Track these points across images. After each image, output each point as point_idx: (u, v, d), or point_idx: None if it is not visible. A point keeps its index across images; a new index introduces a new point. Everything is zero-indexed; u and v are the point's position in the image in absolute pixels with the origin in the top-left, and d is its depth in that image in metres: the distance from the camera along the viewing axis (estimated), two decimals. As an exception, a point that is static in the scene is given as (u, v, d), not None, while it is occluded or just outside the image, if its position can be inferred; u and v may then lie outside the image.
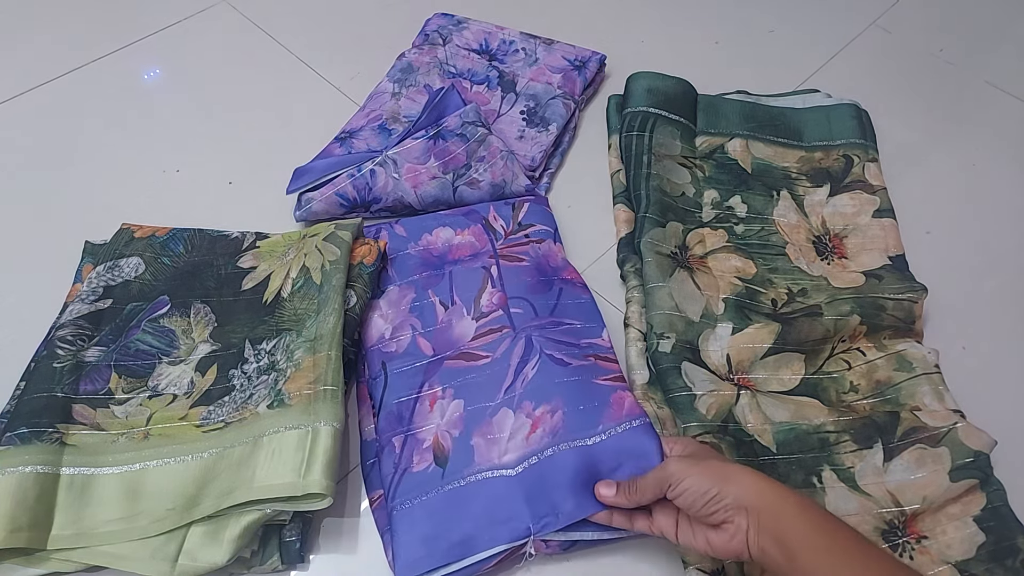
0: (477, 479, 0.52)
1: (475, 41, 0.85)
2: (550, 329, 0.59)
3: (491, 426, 0.54)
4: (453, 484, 0.52)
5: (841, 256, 0.68)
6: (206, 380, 0.57)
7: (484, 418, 0.55)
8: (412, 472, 0.53)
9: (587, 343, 0.59)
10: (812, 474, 0.54)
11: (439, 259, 0.65)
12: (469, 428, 0.54)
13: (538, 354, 0.57)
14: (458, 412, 0.55)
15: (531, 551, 0.50)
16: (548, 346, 0.57)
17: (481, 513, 0.50)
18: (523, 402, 0.55)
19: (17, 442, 0.50)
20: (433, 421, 0.55)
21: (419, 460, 0.53)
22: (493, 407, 0.55)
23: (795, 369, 0.60)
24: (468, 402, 0.56)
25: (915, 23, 0.94)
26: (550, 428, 0.53)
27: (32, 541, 0.47)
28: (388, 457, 0.54)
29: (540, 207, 0.70)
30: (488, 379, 0.57)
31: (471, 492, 0.51)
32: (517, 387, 0.56)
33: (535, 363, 0.56)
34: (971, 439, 0.54)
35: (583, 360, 0.57)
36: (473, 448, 0.53)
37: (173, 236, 0.65)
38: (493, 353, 0.58)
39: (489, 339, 0.59)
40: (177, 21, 0.92)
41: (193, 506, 0.49)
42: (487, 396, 0.56)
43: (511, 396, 0.55)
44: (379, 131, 0.76)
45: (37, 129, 0.79)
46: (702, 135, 0.75)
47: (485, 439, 0.54)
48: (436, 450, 0.54)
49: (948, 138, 0.81)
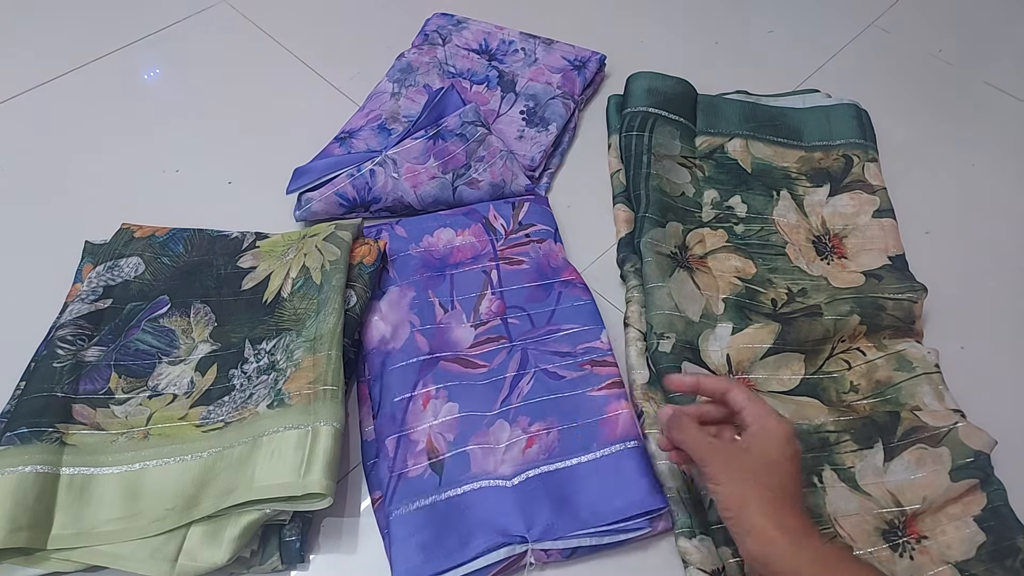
0: (474, 488, 0.52)
1: (475, 41, 0.85)
2: (546, 340, 0.60)
3: (488, 436, 0.55)
4: (450, 492, 0.52)
5: (841, 256, 0.68)
6: (206, 380, 0.57)
7: (480, 427, 0.55)
8: (408, 478, 0.53)
9: (584, 348, 0.59)
10: (812, 474, 0.54)
11: (440, 261, 0.66)
12: (465, 434, 0.55)
13: (533, 368, 0.58)
14: (452, 415, 0.55)
15: (531, 561, 0.50)
16: (543, 359, 0.59)
17: (479, 521, 0.50)
18: (519, 417, 0.55)
19: (17, 442, 0.50)
20: (426, 420, 0.55)
21: (414, 464, 0.53)
22: (490, 417, 0.55)
23: (795, 369, 0.60)
24: (463, 407, 0.56)
25: (915, 23, 0.94)
26: (546, 446, 0.54)
27: (32, 541, 0.47)
28: (383, 461, 0.54)
29: (540, 207, 0.70)
30: (484, 388, 0.57)
31: (469, 501, 0.51)
32: (513, 400, 0.56)
33: (530, 378, 0.57)
34: (971, 439, 0.54)
35: (578, 371, 0.58)
36: (469, 456, 0.53)
37: (173, 236, 0.65)
38: (490, 363, 0.59)
39: (486, 348, 0.60)
40: (177, 21, 0.92)
41: (193, 506, 0.49)
42: (483, 405, 0.56)
43: (507, 409, 0.56)
44: (379, 131, 0.76)
45: (37, 129, 0.79)
46: (702, 135, 0.75)
47: (482, 448, 0.54)
48: (430, 452, 0.54)
49: (948, 138, 0.81)
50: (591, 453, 0.53)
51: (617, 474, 0.52)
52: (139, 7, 0.93)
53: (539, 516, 0.50)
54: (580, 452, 0.53)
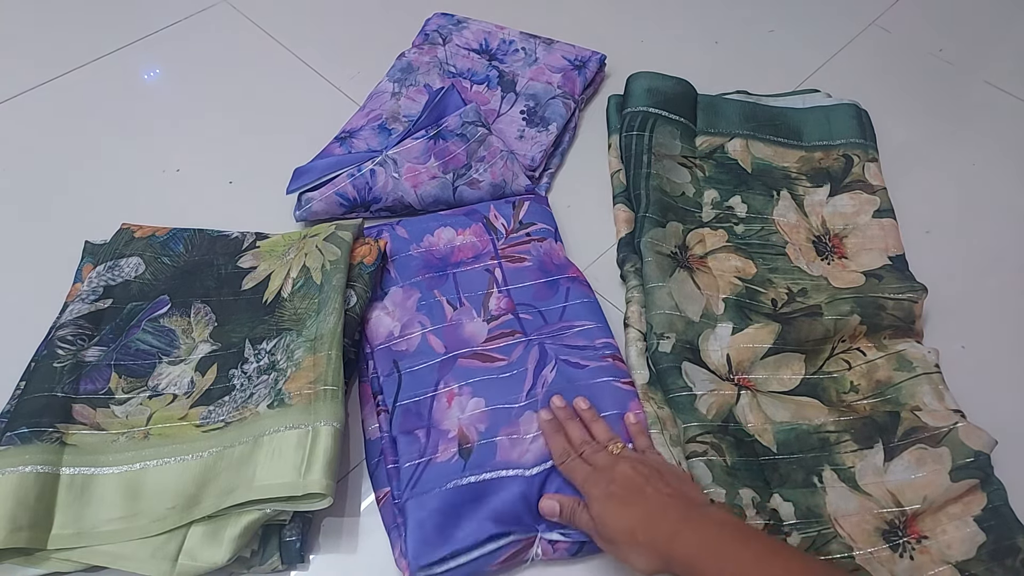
0: (495, 476, 0.52)
1: (475, 41, 0.85)
2: (561, 335, 0.60)
3: (517, 426, 0.55)
4: (472, 477, 0.52)
5: (841, 256, 0.68)
6: (206, 380, 0.57)
7: (510, 418, 0.55)
8: (436, 462, 0.53)
9: (603, 343, 0.60)
10: (813, 474, 0.54)
11: (441, 261, 0.66)
12: (496, 425, 0.55)
13: (553, 359, 0.58)
14: (480, 408, 0.56)
15: (538, 552, 0.50)
16: (562, 352, 0.59)
17: (494, 509, 0.51)
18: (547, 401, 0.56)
19: (17, 442, 0.50)
20: (454, 415, 0.56)
21: (444, 449, 0.54)
22: (518, 408, 0.56)
23: (795, 369, 0.60)
24: (489, 401, 0.56)
25: (915, 23, 0.94)
26: None
27: (32, 541, 0.47)
28: (412, 446, 0.54)
29: (540, 206, 0.70)
30: (506, 381, 0.57)
31: (488, 488, 0.52)
32: (538, 389, 0.57)
33: (552, 367, 0.58)
34: (971, 439, 0.54)
35: (600, 361, 0.58)
36: (497, 445, 0.54)
37: (173, 236, 0.65)
38: (508, 357, 0.59)
39: (502, 343, 0.60)
40: (177, 21, 0.92)
41: (193, 506, 0.49)
42: (509, 397, 0.57)
43: (534, 400, 0.56)
44: (379, 131, 0.76)
45: (37, 129, 0.79)
46: (702, 135, 0.75)
47: (510, 438, 0.54)
48: (462, 440, 0.54)
49: (948, 138, 0.81)
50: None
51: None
52: (139, 7, 0.93)
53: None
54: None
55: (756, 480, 0.53)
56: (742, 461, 0.53)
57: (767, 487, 0.53)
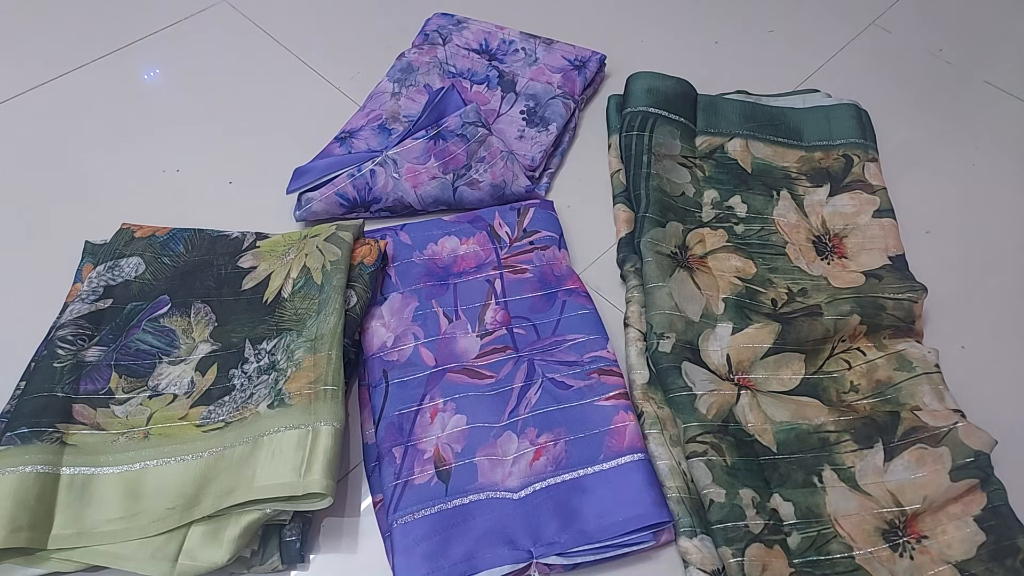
0: (480, 498, 0.52)
1: (475, 41, 0.86)
2: (552, 350, 0.60)
3: (495, 447, 0.54)
4: (457, 501, 0.52)
5: (841, 256, 0.68)
6: (206, 380, 0.57)
7: (488, 438, 0.55)
8: (414, 485, 0.52)
9: (591, 357, 0.59)
10: (813, 474, 0.54)
11: (444, 271, 0.65)
12: (472, 445, 0.54)
13: (540, 378, 0.58)
14: (460, 427, 0.55)
15: (534, 574, 0.50)
16: (550, 369, 0.58)
17: (484, 533, 0.50)
18: (527, 428, 0.55)
19: (17, 442, 0.50)
20: (433, 433, 0.55)
21: (420, 471, 0.53)
22: (498, 429, 0.55)
23: (795, 369, 0.60)
24: (471, 419, 0.56)
25: (915, 23, 0.94)
26: (553, 457, 0.54)
27: (32, 541, 0.47)
28: (389, 467, 0.54)
29: (546, 212, 0.70)
30: (492, 399, 0.57)
31: (474, 511, 0.51)
32: (521, 411, 0.56)
33: (537, 387, 0.57)
34: (971, 439, 0.54)
35: (586, 380, 0.58)
36: (476, 467, 0.53)
37: (173, 236, 0.65)
38: (497, 374, 0.59)
39: (493, 359, 0.59)
40: (177, 21, 0.92)
41: (193, 506, 0.49)
42: (491, 416, 0.56)
43: (514, 420, 0.56)
44: (379, 131, 0.76)
45: (37, 129, 0.79)
46: (702, 135, 0.75)
47: (489, 459, 0.54)
48: (438, 462, 0.54)
49: (948, 138, 0.81)
50: (598, 465, 0.53)
51: (623, 487, 0.52)
52: (139, 7, 0.93)
53: (545, 530, 0.50)
54: (587, 463, 0.53)
55: (756, 480, 0.53)
56: (742, 461, 0.53)
57: (767, 487, 0.53)
